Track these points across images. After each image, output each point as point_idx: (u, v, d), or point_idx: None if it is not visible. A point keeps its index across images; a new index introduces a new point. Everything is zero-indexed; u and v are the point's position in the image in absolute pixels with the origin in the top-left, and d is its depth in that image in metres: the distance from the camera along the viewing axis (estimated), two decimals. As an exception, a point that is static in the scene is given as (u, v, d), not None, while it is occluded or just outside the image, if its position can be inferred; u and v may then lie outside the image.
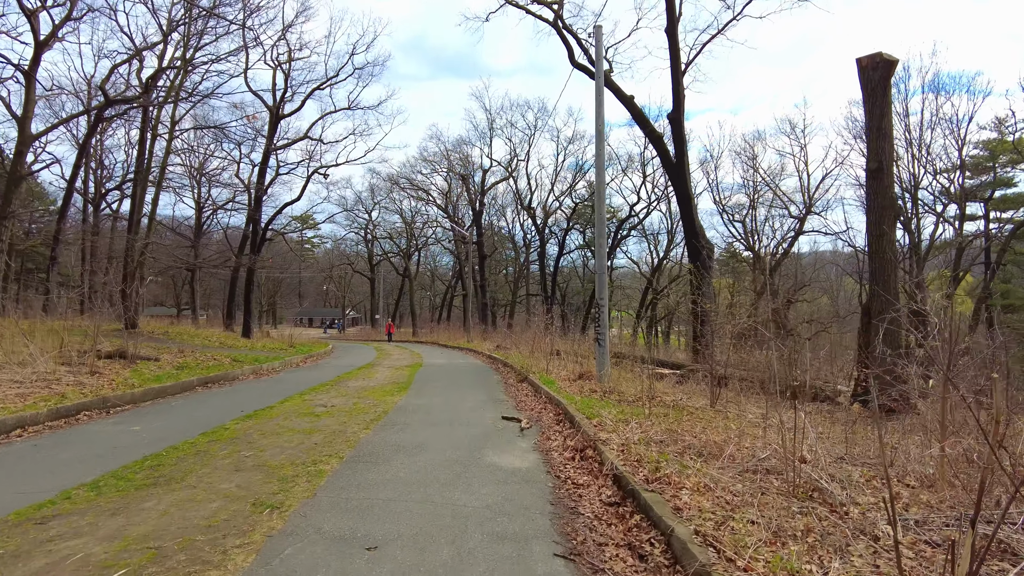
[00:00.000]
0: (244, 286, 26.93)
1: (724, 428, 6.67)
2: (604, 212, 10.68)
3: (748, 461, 4.88)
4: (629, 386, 10.05)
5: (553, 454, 5.57)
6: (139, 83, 21.61)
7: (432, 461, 5.20)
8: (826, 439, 6.13)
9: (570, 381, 10.81)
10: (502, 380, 12.29)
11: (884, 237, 10.48)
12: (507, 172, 35.78)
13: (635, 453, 4.92)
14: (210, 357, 13.70)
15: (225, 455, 5.29)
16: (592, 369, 11.13)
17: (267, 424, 6.76)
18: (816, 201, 34.12)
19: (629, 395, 9.28)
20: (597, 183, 10.58)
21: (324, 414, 7.44)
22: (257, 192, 26.11)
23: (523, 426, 6.85)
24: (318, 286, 71.49)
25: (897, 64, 10.20)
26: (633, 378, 11.23)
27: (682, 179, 18.41)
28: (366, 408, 8.01)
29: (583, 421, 6.33)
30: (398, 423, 6.94)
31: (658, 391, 9.56)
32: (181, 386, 9.82)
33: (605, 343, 10.35)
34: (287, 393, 9.60)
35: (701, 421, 6.93)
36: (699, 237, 18.42)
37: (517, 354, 16.89)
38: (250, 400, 8.75)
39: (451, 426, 6.82)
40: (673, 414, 7.29)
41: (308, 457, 5.24)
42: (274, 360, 15.20)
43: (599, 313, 10.52)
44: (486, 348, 22.23)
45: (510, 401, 9.13)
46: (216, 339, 19.58)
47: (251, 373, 12.95)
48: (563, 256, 38.53)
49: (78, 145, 30.53)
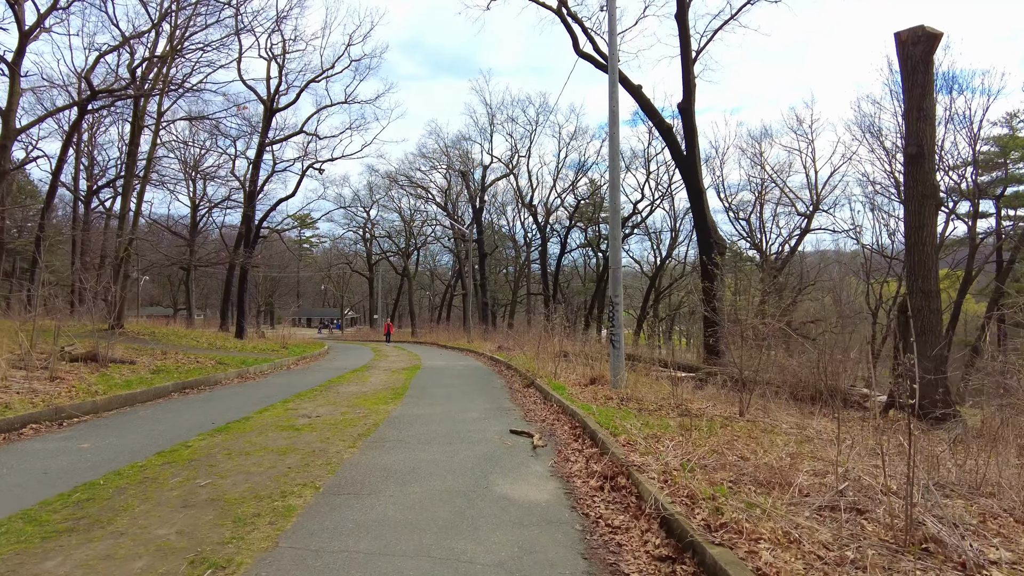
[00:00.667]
0: (237, 285, 25.89)
1: (770, 444, 5.68)
2: (619, 202, 9.69)
3: (823, 493, 3.89)
4: (647, 392, 9.06)
5: (575, 481, 4.56)
6: (129, 75, 20.61)
7: (429, 492, 4.20)
8: (891, 458, 5.14)
9: (581, 386, 9.82)
10: (506, 385, 11.29)
11: (924, 229, 9.50)
12: (508, 169, 34.77)
13: (682, 484, 3.92)
14: (193, 360, 12.69)
15: (176, 484, 4.28)
16: (604, 373, 10.13)
17: (237, 440, 5.75)
18: (824, 198, 33.23)
19: (649, 403, 8.29)
20: (611, 169, 9.58)
21: (306, 428, 6.43)
22: (251, 187, 25.10)
23: (535, 442, 5.85)
24: (316, 286, 70.44)
25: (941, 38, 9.22)
26: (650, 383, 10.25)
27: (693, 172, 17.42)
28: (355, 420, 7.00)
29: (607, 438, 5.33)
30: (390, 439, 5.93)
31: (680, 398, 8.57)
32: (154, 392, 8.80)
33: (620, 345, 9.35)
34: (270, 400, 8.59)
35: (741, 436, 5.94)
36: (711, 233, 17.44)
37: (521, 355, 15.89)
38: (227, 409, 7.74)
39: (451, 443, 5.81)
40: (706, 427, 6.30)
41: (277, 487, 4.24)
42: (263, 362, 14.20)
43: (613, 312, 9.52)
44: (487, 349, 21.23)
45: (517, 410, 8.13)
46: (206, 340, 18.57)
47: (236, 377, 11.94)
48: (564, 255, 37.53)
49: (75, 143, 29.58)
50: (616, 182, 9.56)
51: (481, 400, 9.04)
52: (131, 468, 4.69)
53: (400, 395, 9.37)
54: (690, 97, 17.46)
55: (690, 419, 7.28)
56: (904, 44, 9.33)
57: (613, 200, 9.52)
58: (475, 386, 10.98)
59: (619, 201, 9.70)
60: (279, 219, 32.34)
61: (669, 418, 7.36)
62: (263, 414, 7.35)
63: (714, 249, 17.42)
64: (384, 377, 12.47)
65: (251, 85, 24.66)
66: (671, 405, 8.27)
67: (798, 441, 6.07)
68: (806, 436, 6.47)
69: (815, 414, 9.29)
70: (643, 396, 8.69)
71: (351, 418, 7.09)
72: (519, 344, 19.21)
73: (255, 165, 24.93)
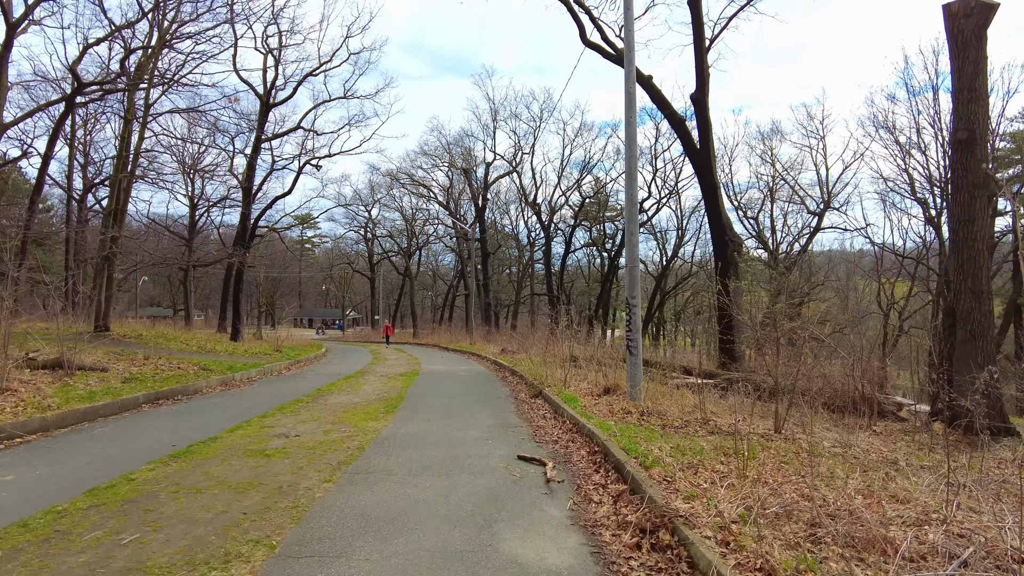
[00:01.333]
0: (232, 285, 24.95)
1: (828, 474, 4.69)
2: (636, 192, 8.69)
3: (937, 563, 2.90)
4: (669, 404, 8.07)
5: (603, 534, 3.57)
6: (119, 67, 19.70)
7: (416, 552, 3.21)
8: (982, 492, 4.15)
9: (594, 397, 8.83)
10: (511, 394, 10.30)
11: (975, 222, 8.47)
12: (511, 167, 33.77)
13: (749, 549, 2.94)
14: (175, 366, 11.74)
15: (90, 543, 3.30)
16: (620, 382, 9.14)
17: (192, 472, 4.77)
18: (835, 196, 32.17)
19: (673, 418, 7.31)
20: (628, 156, 8.59)
21: (278, 453, 5.45)
22: (246, 184, 24.15)
23: (549, 473, 4.86)
24: (318, 286, 69.57)
25: (997, 9, 8.20)
26: (668, 392, 9.25)
27: (707, 167, 16.40)
28: (338, 441, 6.02)
29: (636, 471, 4.34)
30: (375, 469, 4.94)
31: (707, 412, 7.58)
32: (119, 405, 7.84)
33: (638, 352, 8.36)
34: (248, 414, 7.62)
35: (788, 462, 4.96)
36: (726, 230, 16.43)
37: (526, 360, 14.91)
38: (196, 426, 6.78)
39: (448, 474, 4.83)
40: (748, 450, 5.32)
41: (221, 545, 3.26)
42: (252, 368, 13.24)
43: (629, 315, 8.52)
44: (490, 352, 20.25)
45: (525, 427, 7.14)
46: (197, 343, 17.61)
47: (219, 384, 10.98)
48: (569, 254, 36.49)
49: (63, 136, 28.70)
50: (633, 170, 8.57)
51: (484, 414, 8.05)
52: (45, 515, 3.71)
53: (394, 407, 8.38)
54: (703, 87, 16.45)
55: (723, 438, 6.31)
56: (954, 17, 8.31)
57: (630, 189, 8.53)
58: (477, 396, 9.99)
59: (636, 191, 8.71)
60: (277, 217, 31.36)
61: (699, 437, 6.39)
62: (234, 433, 6.37)
63: (730, 247, 16.41)
64: (379, 385, 11.49)
65: (247, 79, 23.76)
66: (698, 420, 7.29)
67: (855, 467, 5.09)
68: (865, 463, 5.49)
69: (853, 427, 8.31)
70: (665, 409, 7.71)
71: (334, 439, 6.11)
72: (523, 347, 18.24)
73: (251, 162, 23.98)
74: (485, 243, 34.68)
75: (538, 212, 35.21)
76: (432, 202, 37.50)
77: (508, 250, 45.13)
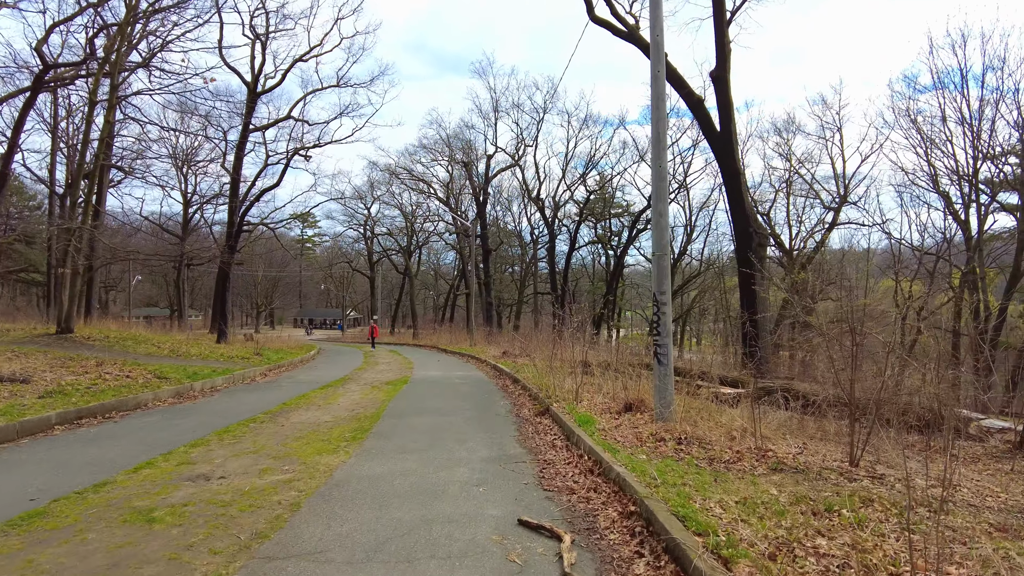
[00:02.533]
0: (219, 284, 23.30)
1: (980, 563, 2.95)
2: (665, 164, 6.95)
3: None
4: (708, 426, 6.33)
5: None
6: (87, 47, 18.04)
7: None
8: None
9: (614, 415, 7.10)
10: (512, 410, 8.55)
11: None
12: (513, 160, 31.97)
13: None
14: (125, 374, 10.05)
15: None
16: (644, 396, 7.39)
17: (11, 562, 3.05)
18: (851, 190, 30.28)
19: (719, 446, 5.57)
20: (654, 121, 6.85)
21: (170, 515, 3.71)
22: (234, 177, 22.50)
23: (566, 559, 3.10)
24: (318, 286, 67.96)
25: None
26: (701, 407, 7.48)
27: (728, 151, 14.65)
28: (268, 491, 4.28)
29: (705, 562, 2.61)
30: (299, 551, 3.20)
31: (758, 436, 5.85)
32: (16, 429, 6.12)
33: (668, 360, 6.61)
34: (176, 441, 5.89)
35: (920, 527, 3.21)
36: (750, 221, 14.70)
37: (529, 365, 13.16)
38: (95, 460, 5.06)
39: (411, 560, 3.09)
40: (839, 503, 3.59)
41: None
42: (220, 374, 11.54)
43: (658, 315, 6.77)
44: (491, 355, 18.51)
45: (529, 463, 5.39)
46: (171, 345, 15.90)
47: (172, 396, 9.28)
48: (574, 251, 34.69)
49: (51, 130, 27.08)
50: (662, 134, 6.84)
51: (477, 439, 6.30)
52: None
53: (365, 431, 6.64)
54: (724, 64, 14.69)
55: (794, 479, 4.60)
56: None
57: (658, 160, 6.79)
58: (471, 413, 8.23)
59: (666, 161, 6.96)
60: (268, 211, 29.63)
61: (761, 477, 4.67)
62: (136, 474, 4.65)
63: (754, 240, 14.64)
64: (358, 396, 9.76)
65: (234, 66, 22.07)
66: (752, 451, 5.55)
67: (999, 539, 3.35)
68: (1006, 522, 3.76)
69: (925, 446, 6.58)
70: (705, 434, 5.97)
71: (266, 485, 4.38)
72: (526, 350, 16.50)
73: (239, 152, 22.32)
74: (487, 240, 32.92)
75: (542, 208, 33.42)
76: (432, 199, 35.79)
77: (511, 248, 43.39)
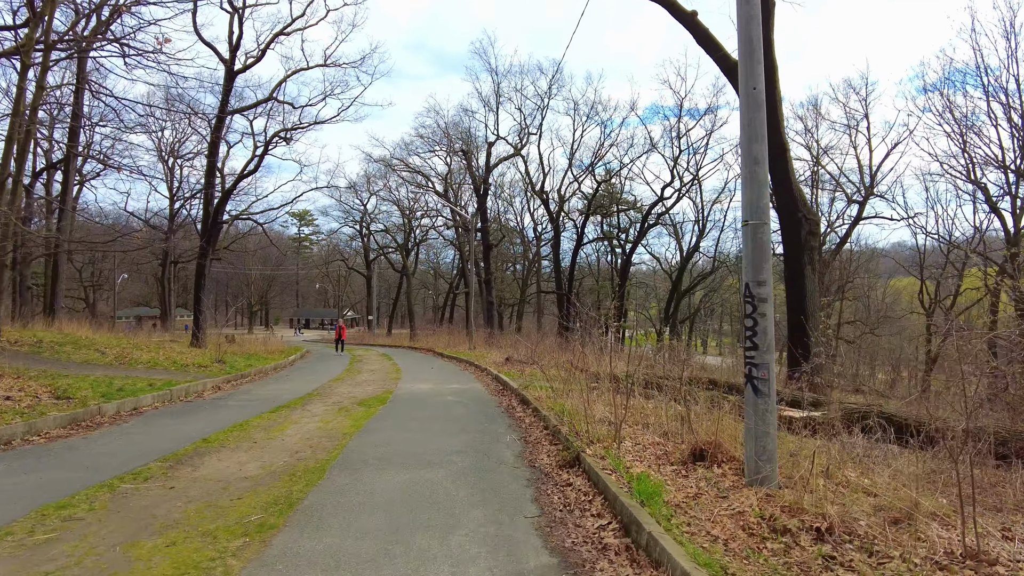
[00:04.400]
0: (196, 281, 20.88)
1: None
2: (761, 86, 4.53)
3: None
4: (825, 488, 3.90)
5: None
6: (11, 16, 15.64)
7: None
8: None
9: (679, 468, 4.67)
10: (524, 454, 6.04)
11: None
12: (515, 150, 29.50)
13: None
14: (5, 394, 7.63)
15: None
16: (720, 437, 4.94)
17: None
18: (878, 182, 27.83)
19: (869, 533, 3.14)
20: (743, 20, 4.45)
21: None
22: (210, 162, 20.12)
23: None
24: (312, 284, 65.51)
25: None
26: (797, 446, 5.02)
27: (773, 121, 12.16)
28: None
29: None
30: None
31: (930, 526, 3.41)
32: None
33: (770, 390, 4.18)
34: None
35: None
36: (799, 205, 12.31)
37: (539, 376, 10.73)
38: None
39: None
40: None
41: None
42: (155, 390, 9.10)
43: (754, 317, 4.32)
44: (492, 361, 16.08)
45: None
46: (118, 351, 13.47)
47: (59, 426, 6.84)
48: (581, 247, 32.20)
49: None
50: (755, 42, 4.44)
51: (470, 529, 3.82)
52: None
53: (293, 503, 4.16)
54: (768, 21, 12.27)
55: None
56: None
57: (750, 80, 4.39)
58: (464, 461, 5.62)
59: (761, 82, 4.53)
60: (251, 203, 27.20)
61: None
62: None
63: (804, 227, 12.23)
64: (315, 425, 7.31)
65: (210, 43, 19.64)
66: (916, 542, 3.14)
67: None
68: None
69: None
70: (848, 514, 3.53)
71: None
72: (533, 355, 14.08)
73: (214, 136, 19.93)
74: (487, 234, 30.45)
75: (546, 201, 30.95)
76: (430, 193, 33.33)
77: (513, 246, 40.95)
